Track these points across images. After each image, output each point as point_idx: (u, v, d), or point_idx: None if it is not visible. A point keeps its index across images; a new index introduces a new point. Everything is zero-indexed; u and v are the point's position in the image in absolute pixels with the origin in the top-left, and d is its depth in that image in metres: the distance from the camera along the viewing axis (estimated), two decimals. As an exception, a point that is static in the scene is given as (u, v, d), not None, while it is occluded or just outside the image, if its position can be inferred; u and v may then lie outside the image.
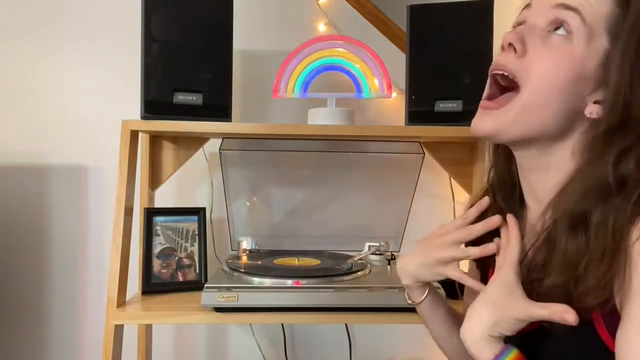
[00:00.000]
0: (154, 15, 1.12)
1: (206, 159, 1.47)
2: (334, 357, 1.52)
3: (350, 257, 1.27)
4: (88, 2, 1.47)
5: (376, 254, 1.31)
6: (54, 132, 1.47)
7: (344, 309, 1.07)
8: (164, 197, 1.42)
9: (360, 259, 1.25)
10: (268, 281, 1.09)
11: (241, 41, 1.32)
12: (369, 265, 1.23)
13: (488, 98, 0.68)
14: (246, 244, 1.34)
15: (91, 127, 1.47)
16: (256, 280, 1.09)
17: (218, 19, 1.16)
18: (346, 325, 1.49)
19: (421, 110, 1.19)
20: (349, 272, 1.14)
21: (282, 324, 1.48)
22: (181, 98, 1.14)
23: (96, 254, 1.48)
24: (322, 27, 1.49)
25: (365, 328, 1.52)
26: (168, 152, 1.30)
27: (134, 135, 1.14)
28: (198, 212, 1.27)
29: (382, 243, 1.31)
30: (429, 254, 0.74)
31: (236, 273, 1.14)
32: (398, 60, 1.37)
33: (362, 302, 1.06)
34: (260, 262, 1.24)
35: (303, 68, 1.27)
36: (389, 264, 1.25)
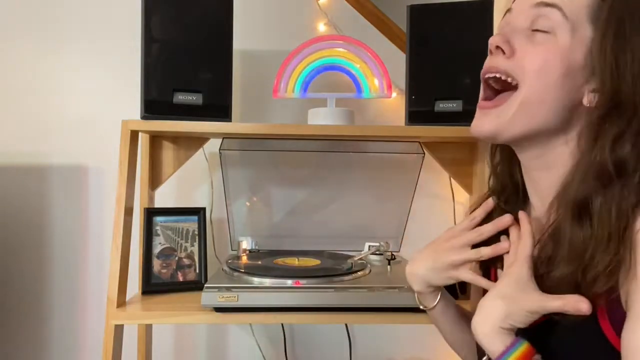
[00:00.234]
0: (154, 15, 1.12)
1: (206, 159, 1.47)
2: (334, 357, 1.52)
3: (350, 257, 1.27)
4: (88, 2, 1.47)
5: (376, 254, 1.31)
6: (54, 132, 1.47)
7: (344, 309, 1.07)
8: (164, 197, 1.42)
9: (360, 259, 1.25)
10: (268, 281, 1.09)
11: (241, 41, 1.32)
12: (369, 265, 1.23)
13: (484, 100, 0.69)
14: (246, 244, 1.34)
15: (91, 127, 1.47)
16: (256, 280, 1.09)
17: (218, 19, 1.16)
18: (346, 325, 1.49)
19: (421, 110, 1.19)
20: (349, 272, 1.14)
21: (282, 324, 1.48)
22: (181, 98, 1.14)
23: (96, 254, 1.48)
24: (322, 27, 1.49)
25: (365, 328, 1.52)
26: (168, 152, 1.30)
27: (134, 135, 1.14)
28: (198, 212, 1.27)
29: (382, 243, 1.31)
30: (440, 258, 0.74)
31: (236, 273, 1.14)
32: (398, 60, 1.37)
33: (362, 302, 1.06)
34: (260, 262, 1.24)
35: (303, 68, 1.27)
36: (389, 264, 1.25)
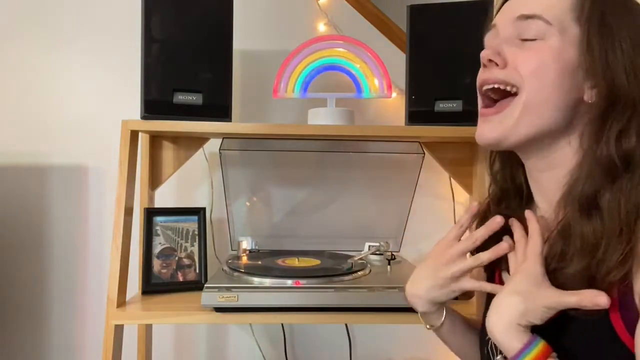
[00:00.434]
0: (154, 15, 1.12)
1: (206, 159, 1.47)
2: (334, 357, 1.52)
3: (350, 257, 1.27)
4: (88, 2, 1.47)
5: (376, 254, 1.31)
6: (54, 132, 1.47)
7: (344, 309, 1.07)
8: (164, 197, 1.42)
9: (360, 259, 1.25)
10: (268, 281, 1.08)
11: (241, 41, 1.32)
12: (369, 265, 1.23)
13: (485, 108, 0.69)
14: (246, 244, 1.33)
15: (91, 127, 1.47)
16: (256, 280, 1.09)
17: (218, 19, 1.16)
18: (346, 325, 1.49)
19: (421, 110, 1.19)
20: (349, 272, 1.14)
21: (282, 324, 1.48)
22: (181, 98, 1.14)
23: (96, 254, 1.48)
24: (322, 27, 1.49)
25: (365, 328, 1.52)
26: (168, 152, 1.30)
27: (134, 135, 1.14)
28: (198, 212, 1.27)
29: (382, 243, 1.31)
30: (439, 273, 0.72)
31: (236, 273, 1.14)
32: (398, 60, 1.37)
33: (362, 302, 1.06)
34: (260, 262, 1.24)
35: (303, 68, 1.27)
36: (389, 264, 1.25)
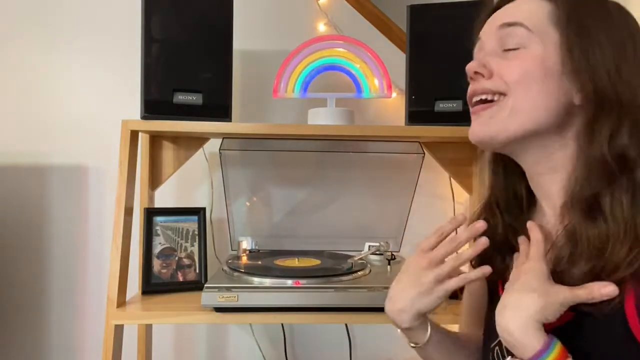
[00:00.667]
0: (154, 15, 1.13)
1: (206, 159, 1.47)
2: (334, 357, 1.52)
3: (350, 257, 1.27)
4: (88, 2, 1.47)
5: (376, 254, 1.31)
6: (54, 132, 1.47)
7: (344, 309, 1.07)
8: (164, 197, 1.42)
9: (360, 259, 1.25)
10: (268, 281, 1.09)
11: (241, 41, 1.32)
12: (369, 265, 1.23)
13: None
14: (246, 244, 1.34)
15: (91, 127, 1.47)
16: (256, 280, 1.09)
17: (218, 19, 1.16)
18: (346, 325, 1.48)
19: (421, 110, 1.19)
20: (349, 272, 1.14)
21: (282, 324, 1.48)
22: (181, 98, 1.14)
23: (96, 254, 1.48)
24: (322, 27, 1.49)
25: (365, 328, 1.51)
26: (168, 152, 1.30)
27: (134, 135, 1.14)
28: (198, 212, 1.27)
29: (382, 243, 1.31)
30: (422, 279, 0.69)
31: (236, 273, 1.14)
32: (398, 60, 1.37)
33: (362, 302, 1.06)
34: (260, 262, 1.24)
35: (303, 68, 1.27)
36: (389, 264, 1.25)
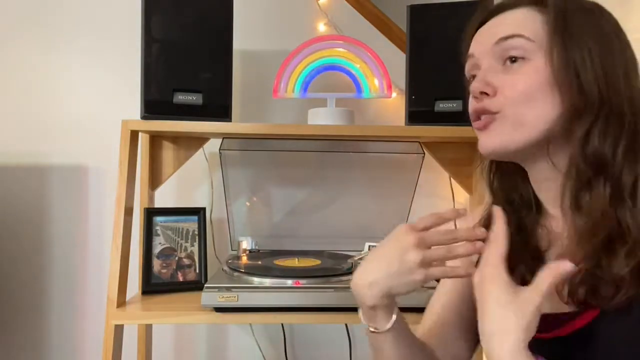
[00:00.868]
0: (154, 15, 1.13)
1: (206, 159, 1.47)
2: (334, 357, 1.52)
3: (350, 257, 1.27)
4: (88, 2, 1.47)
5: (376, 254, 1.30)
6: (54, 132, 1.47)
7: (344, 309, 1.07)
8: (164, 197, 1.42)
9: (360, 259, 1.25)
10: (268, 281, 1.09)
11: (241, 41, 1.32)
12: (369, 265, 1.23)
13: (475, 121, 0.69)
14: (246, 244, 1.33)
15: (91, 127, 1.47)
16: (256, 280, 1.09)
17: (218, 19, 1.16)
18: (346, 325, 1.48)
19: (421, 110, 1.19)
20: (349, 272, 1.14)
21: (282, 324, 1.48)
22: (181, 98, 1.14)
23: (96, 254, 1.48)
24: (322, 27, 1.49)
25: (365, 328, 1.51)
26: (168, 152, 1.30)
27: (134, 135, 1.14)
28: (198, 212, 1.27)
29: (382, 243, 1.31)
30: (406, 256, 0.62)
31: (236, 273, 1.14)
32: (398, 60, 1.37)
33: (362, 302, 1.06)
34: (260, 262, 1.24)
35: (303, 68, 1.27)
36: (389, 264, 1.25)
